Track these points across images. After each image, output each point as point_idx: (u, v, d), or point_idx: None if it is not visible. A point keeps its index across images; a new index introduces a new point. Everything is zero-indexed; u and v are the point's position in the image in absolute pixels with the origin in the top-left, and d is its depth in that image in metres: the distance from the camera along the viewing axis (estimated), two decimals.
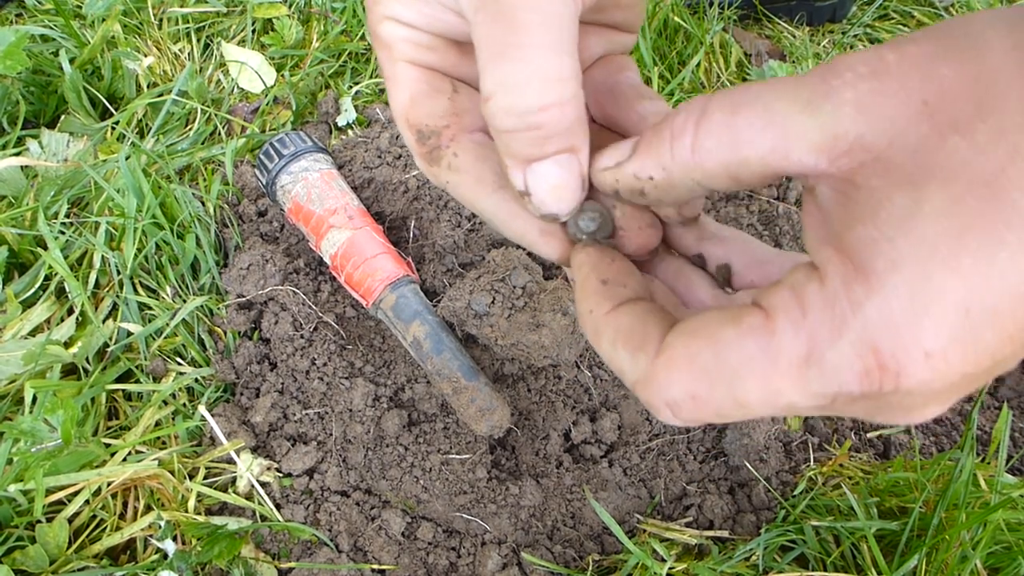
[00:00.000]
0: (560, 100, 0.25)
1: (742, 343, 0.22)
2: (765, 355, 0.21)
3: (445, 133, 0.30)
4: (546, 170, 0.27)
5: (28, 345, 0.69)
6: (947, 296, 0.19)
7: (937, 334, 0.19)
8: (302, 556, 0.65)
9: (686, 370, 0.23)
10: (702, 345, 0.23)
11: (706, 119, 0.23)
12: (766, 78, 1.03)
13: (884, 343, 0.20)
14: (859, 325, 0.20)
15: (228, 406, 0.73)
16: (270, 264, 0.77)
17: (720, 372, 0.22)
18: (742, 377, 0.22)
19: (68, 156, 0.88)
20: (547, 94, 0.25)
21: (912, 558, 0.61)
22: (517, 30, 0.24)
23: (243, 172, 0.89)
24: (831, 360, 0.20)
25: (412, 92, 0.31)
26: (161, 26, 1.05)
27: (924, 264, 0.19)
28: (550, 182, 0.27)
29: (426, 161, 0.31)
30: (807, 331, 0.21)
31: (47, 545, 0.62)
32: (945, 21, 0.22)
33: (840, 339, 0.20)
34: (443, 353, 0.70)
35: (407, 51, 0.30)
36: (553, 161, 0.27)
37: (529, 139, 0.26)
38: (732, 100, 0.23)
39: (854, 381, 0.20)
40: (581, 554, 0.68)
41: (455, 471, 0.70)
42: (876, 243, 0.20)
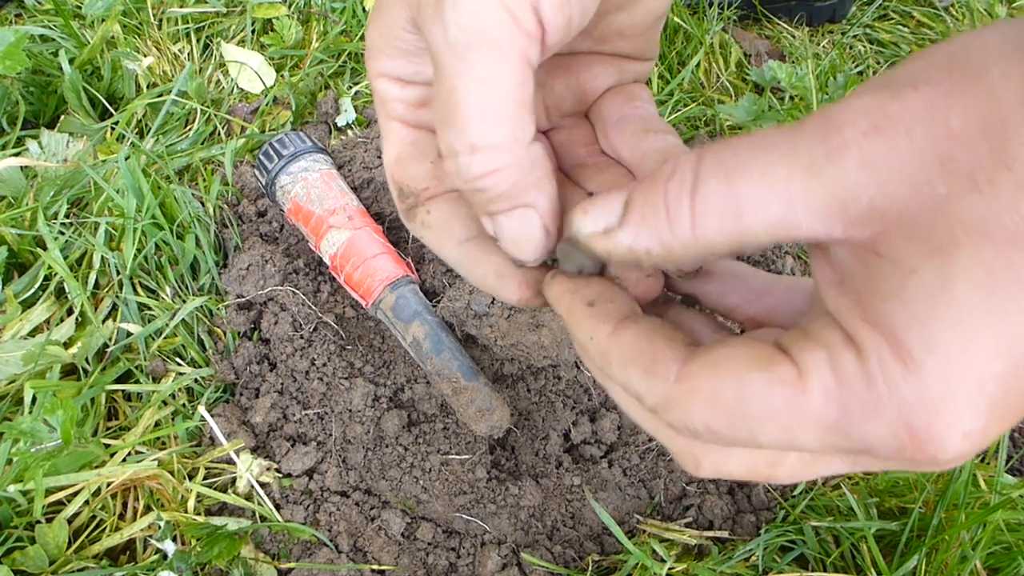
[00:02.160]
0: (499, 166, 0.26)
1: (770, 392, 0.21)
2: (792, 411, 0.21)
3: (423, 194, 0.32)
4: (504, 224, 0.27)
5: (28, 345, 0.69)
6: (986, 373, 0.19)
7: (976, 415, 0.19)
8: (302, 556, 0.65)
9: (709, 404, 0.22)
10: (727, 384, 0.22)
11: (702, 190, 0.22)
12: (765, 78, 1.03)
13: (920, 425, 0.19)
14: (896, 406, 0.19)
15: (228, 406, 0.73)
16: (270, 264, 0.77)
17: (743, 414, 0.22)
18: (764, 424, 0.21)
19: (68, 156, 0.88)
20: (486, 163, 0.25)
21: (912, 558, 0.61)
22: (456, 99, 0.25)
23: (243, 172, 0.89)
24: (863, 432, 0.20)
25: (399, 152, 0.32)
26: (161, 26, 1.05)
27: (960, 343, 0.19)
28: (508, 234, 0.28)
29: (405, 216, 0.33)
30: (841, 403, 0.20)
31: (47, 545, 0.62)
32: (945, 48, 0.21)
33: (875, 417, 0.20)
34: (443, 353, 0.70)
35: (399, 110, 0.32)
36: (507, 216, 0.27)
37: (480, 199, 0.27)
38: (726, 166, 0.22)
39: (885, 452, 0.20)
40: (581, 554, 0.68)
41: (455, 471, 0.70)
42: (910, 325, 0.19)
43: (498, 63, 0.25)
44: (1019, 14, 1.23)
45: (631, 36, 0.33)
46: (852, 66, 1.12)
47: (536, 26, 0.25)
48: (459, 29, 0.24)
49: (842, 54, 1.13)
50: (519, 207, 0.27)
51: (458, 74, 0.25)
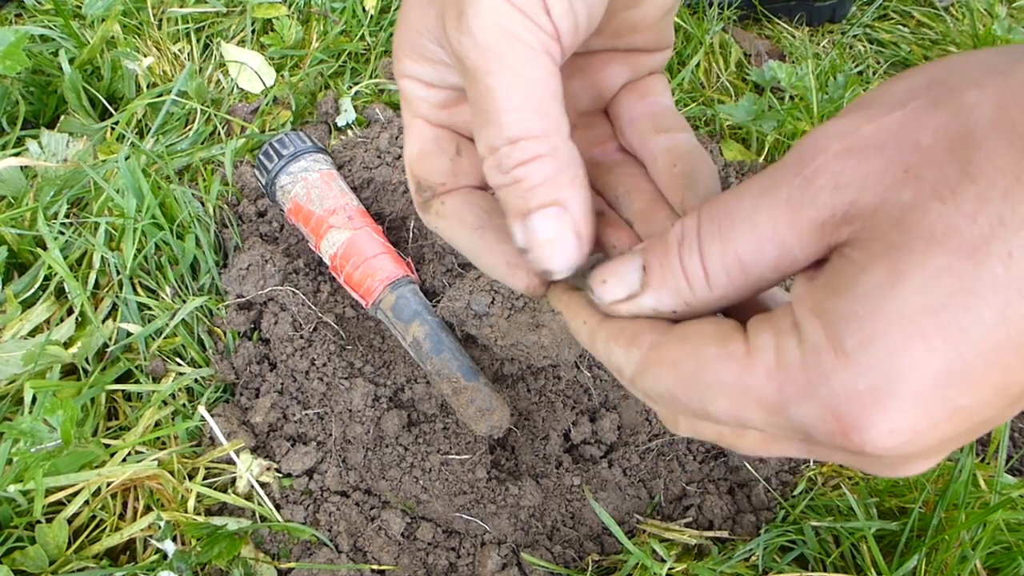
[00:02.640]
0: (537, 154, 0.27)
1: (719, 365, 0.23)
2: (738, 385, 0.23)
3: (440, 189, 0.34)
4: (538, 224, 0.28)
5: (28, 345, 0.69)
6: (917, 373, 0.19)
7: (902, 412, 0.20)
8: (302, 556, 0.65)
9: (671, 370, 0.25)
10: (686, 354, 0.24)
11: (707, 253, 0.24)
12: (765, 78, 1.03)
13: (846, 414, 0.20)
14: (824, 394, 0.21)
15: (228, 406, 0.73)
16: (270, 264, 0.77)
17: (696, 382, 0.24)
18: (713, 394, 0.23)
19: (68, 156, 0.88)
20: (525, 151, 0.27)
21: (912, 558, 0.61)
22: (492, 97, 0.27)
23: (243, 172, 0.89)
24: (796, 415, 0.22)
25: (420, 148, 0.34)
26: (161, 26, 1.05)
27: (895, 342, 0.19)
28: (543, 236, 0.28)
29: (421, 209, 0.35)
30: (778, 383, 0.22)
31: (47, 545, 0.62)
32: (927, 70, 0.21)
33: (806, 401, 0.21)
34: (443, 353, 0.70)
35: (423, 109, 0.33)
36: (542, 215, 0.28)
37: (515, 192, 0.28)
38: (719, 225, 0.23)
39: (819, 433, 0.21)
40: (581, 554, 0.68)
41: (455, 471, 0.70)
42: (848, 319, 0.20)
43: (528, 58, 0.26)
44: (1020, 14, 1.23)
45: (644, 30, 0.34)
46: (852, 66, 1.12)
47: (551, 25, 0.27)
48: (485, 33, 0.26)
49: (842, 54, 1.13)
50: (552, 204, 0.27)
51: (491, 73, 0.26)
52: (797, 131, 0.96)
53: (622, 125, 0.35)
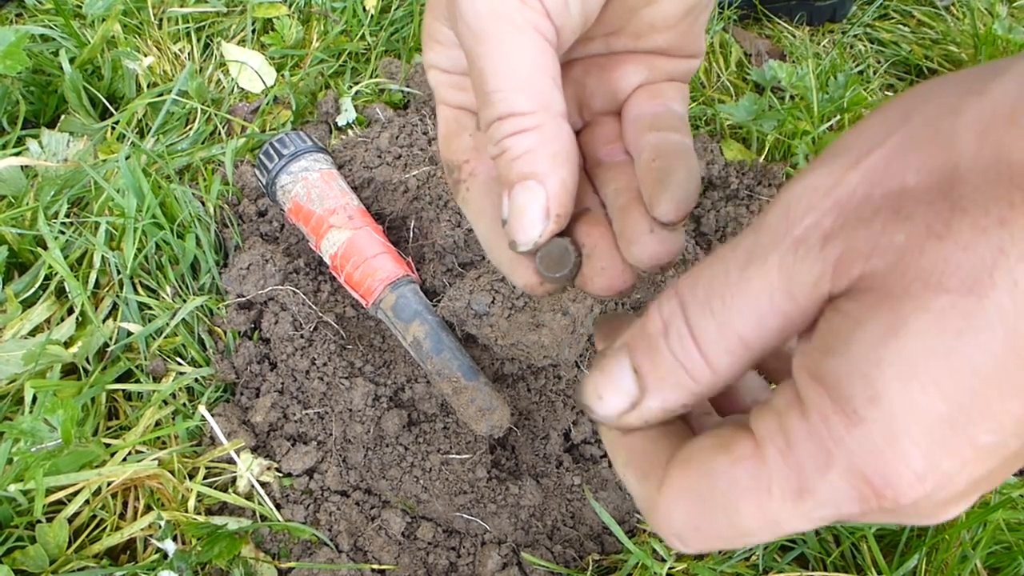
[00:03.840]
0: (524, 127, 0.28)
1: (733, 472, 0.21)
2: (757, 484, 0.21)
3: (464, 168, 0.35)
4: (515, 194, 0.29)
5: (28, 345, 0.69)
6: (933, 417, 0.18)
7: (926, 457, 0.19)
8: (302, 556, 0.65)
9: (685, 501, 0.22)
10: (697, 476, 0.22)
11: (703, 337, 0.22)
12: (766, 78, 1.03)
13: (872, 472, 0.19)
14: (844, 458, 0.19)
15: (228, 406, 0.73)
16: (270, 264, 0.77)
17: (716, 502, 0.22)
18: (737, 506, 0.21)
19: (68, 156, 0.88)
20: (513, 125, 0.28)
21: (912, 558, 0.61)
22: (485, 76, 0.28)
23: (243, 172, 0.89)
24: (824, 491, 0.20)
25: (445, 130, 0.35)
26: (161, 26, 1.05)
27: (905, 393, 0.18)
28: (515, 204, 0.29)
29: (452, 189, 0.36)
30: (794, 463, 0.20)
31: (47, 545, 0.62)
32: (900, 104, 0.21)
33: (829, 471, 0.20)
34: (443, 353, 0.70)
35: (445, 94, 0.35)
36: (521, 186, 0.29)
37: (502, 163, 0.29)
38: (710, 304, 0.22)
39: (852, 505, 0.20)
40: (581, 554, 0.68)
41: (455, 471, 0.70)
42: (852, 378, 0.19)
43: (515, 35, 0.28)
44: (1020, 14, 1.23)
45: (663, 29, 0.34)
46: (852, 65, 1.12)
47: (539, 3, 0.28)
48: (475, 14, 0.28)
49: (842, 54, 1.13)
50: (529, 177, 0.29)
51: (481, 55, 0.28)
52: (797, 131, 0.96)
53: (626, 124, 0.36)
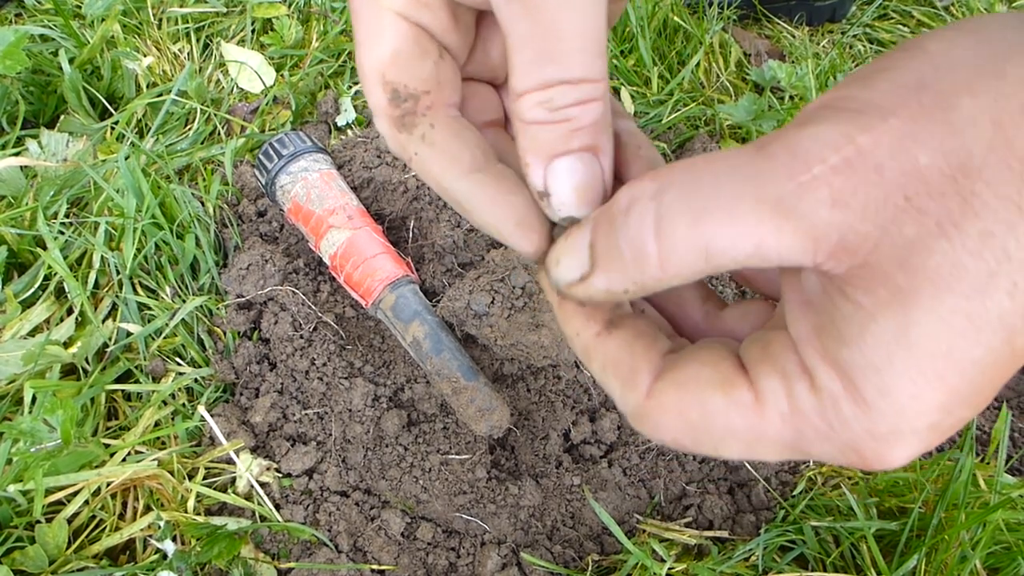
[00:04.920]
0: (592, 96, 0.25)
1: (729, 415, 0.23)
2: (751, 432, 0.23)
3: (424, 99, 0.28)
4: (570, 166, 0.26)
5: (28, 345, 0.69)
6: (933, 409, 0.20)
7: (921, 441, 0.21)
8: (302, 556, 0.65)
9: (675, 420, 0.24)
10: (691, 404, 0.23)
11: (667, 232, 0.22)
12: (765, 78, 1.03)
13: (868, 451, 0.21)
14: (847, 437, 0.21)
15: (228, 406, 0.73)
16: (269, 264, 0.77)
17: (706, 432, 0.23)
18: (726, 441, 0.23)
19: (67, 156, 0.88)
20: (582, 92, 0.25)
21: (912, 558, 0.61)
22: (556, 32, 0.24)
23: (242, 172, 0.89)
24: (815, 451, 0.22)
25: (396, 47, 0.28)
26: (160, 26, 1.05)
27: (913, 389, 0.20)
28: (575, 180, 0.26)
29: (395, 126, 0.28)
30: (795, 427, 0.22)
31: (46, 545, 0.62)
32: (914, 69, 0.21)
33: (827, 443, 0.22)
34: (442, 353, 0.70)
35: (397, 2, 0.28)
36: (577, 157, 0.26)
37: (558, 131, 0.25)
38: (689, 203, 0.21)
39: (835, 461, 0.22)
40: (581, 554, 0.68)
41: (455, 471, 0.70)
42: (865, 370, 0.20)
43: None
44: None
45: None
46: (852, 65, 1.12)
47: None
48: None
49: (842, 54, 1.13)
50: (590, 149, 0.26)
51: (562, 7, 0.24)
52: None
53: None
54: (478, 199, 0.28)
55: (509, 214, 0.27)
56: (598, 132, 0.26)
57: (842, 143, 0.20)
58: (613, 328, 0.26)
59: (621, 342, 0.26)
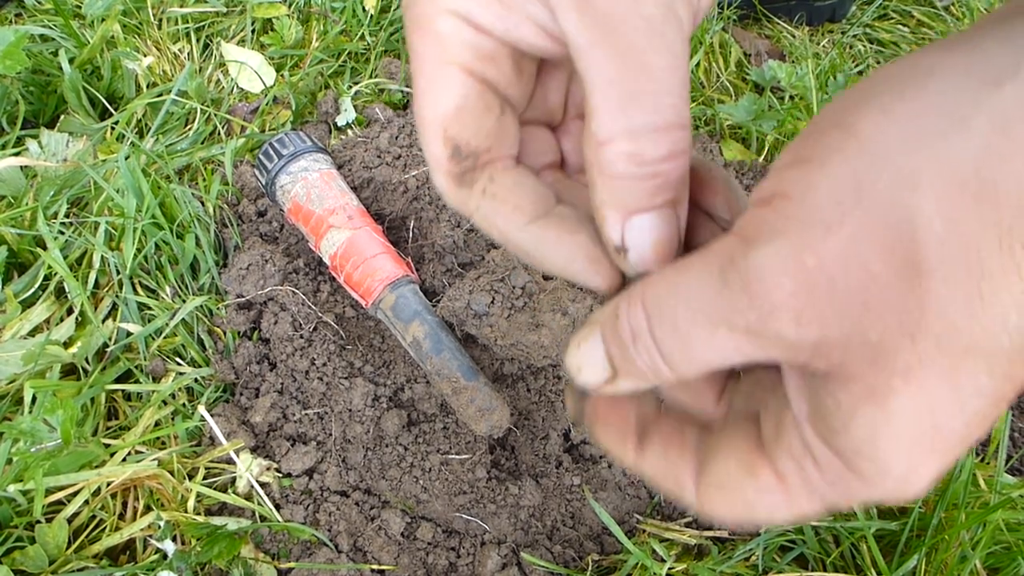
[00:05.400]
0: (682, 148, 0.24)
1: (765, 500, 0.24)
2: (787, 507, 0.24)
3: (484, 156, 0.27)
4: (651, 224, 0.25)
5: (28, 345, 0.69)
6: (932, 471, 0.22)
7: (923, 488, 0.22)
8: (302, 556, 0.65)
9: (728, 513, 0.26)
10: (734, 502, 0.25)
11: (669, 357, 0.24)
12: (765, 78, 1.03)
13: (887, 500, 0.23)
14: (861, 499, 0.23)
15: (228, 406, 0.73)
16: (270, 264, 0.77)
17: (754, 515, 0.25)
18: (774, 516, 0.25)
19: (67, 156, 0.88)
20: (676, 143, 0.24)
21: (912, 558, 0.61)
22: (647, 74, 0.23)
23: (243, 172, 0.89)
24: (844, 507, 0.24)
25: (459, 103, 0.27)
26: (161, 26, 1.05)
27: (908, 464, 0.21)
28: (655, 236, 0.25)
29: (455, 182, 0.27)
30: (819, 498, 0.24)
31: (46, 545, 0.62)
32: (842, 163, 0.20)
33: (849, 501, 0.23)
34: (442, 353, 0.70)
35: (464, 56, 0.26)
36: (659, 214, 0.25)
37: (645, 189, 0.24)
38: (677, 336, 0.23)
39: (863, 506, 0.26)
40: (581, 554, 0.68)
41: (455, 471, 0.70)
42: (860, 454, 0.22)
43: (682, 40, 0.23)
44: None
45: None
46: (852, 66, 1.12)
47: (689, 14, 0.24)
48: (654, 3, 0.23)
49: (842, 54, 1.13)
50: (672, 205, 0.25)
51: (652, 49, 0.23)
52: (797, 131, 0.96)
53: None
54: (545, 244, 0.27)
55: (578, 253, 0.27)
56: (682, 187, 0.25)
57: (793, 268, 0.20)
58: (646, 443, 0.28)
59: (656, 457, 0.28)
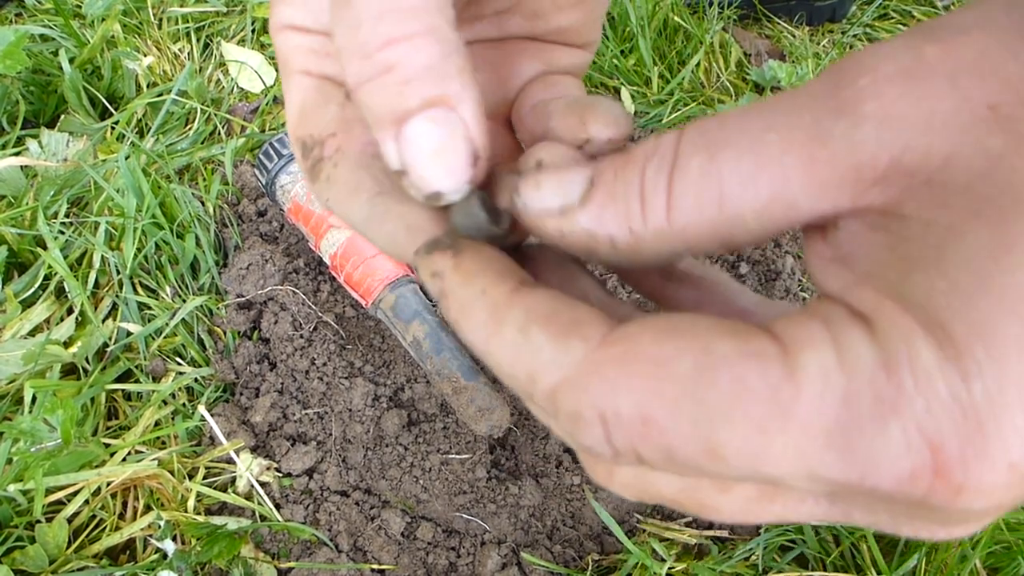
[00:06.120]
0: (412, 32, 0.20)
1: (744, 370, 0.15)
2: (773, 400, 0.15)
3: (329, 143, 0.25)
4: (421, 129, 0.20)
5: (28, 345, 0.69)
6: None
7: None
8: (302, 556, 0.65)
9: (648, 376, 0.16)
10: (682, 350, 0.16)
11: (681, 170, 0.17)
12: (765, 78, 1.03)
13: (952, 440, 0.14)
14: (923, 406, 0.14)
15: (228, 406, 0.73)
16: (270, 264, 0.77)
17: (700, 397, 0.15)
18: (730, 418, 0.15)
19: (68, 156, 0.88)
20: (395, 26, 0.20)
21: (912, 558, 0.61)
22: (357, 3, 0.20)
23: (243, 172, 0.89)
24: (870, 445, 0.14)
25: (301, 103, 0.26)
26: (161, 26, 1.05)
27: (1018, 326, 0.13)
28: (429, 145, 0.20)
29: (309, 177, 0.26)
30: (845, 391, 0.14)
31: (47, 545, 0.62)
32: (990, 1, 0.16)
33: (893, 420, 0.14)
34: (442, 353, 0.70)
35: (301, 60, 0.27)
36: (426, 117, 0.20)
37: (386, 86, 0.20)
38: (709, 139, 0.17)
39: (891, 481, 0.14)
40: (581, 554, 0.68)
41: (455, 471, 0.70)
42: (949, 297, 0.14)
43: None
44: None
45: (565, 7, 0.28)
46: None
47: None
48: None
49: (842, 54, 1.13)
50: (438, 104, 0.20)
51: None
52: None
53: (522, 114, 0.28)
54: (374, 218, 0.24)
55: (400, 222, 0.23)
56: (441, 77, 0.20)
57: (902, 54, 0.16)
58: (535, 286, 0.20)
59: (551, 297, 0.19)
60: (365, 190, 0.24)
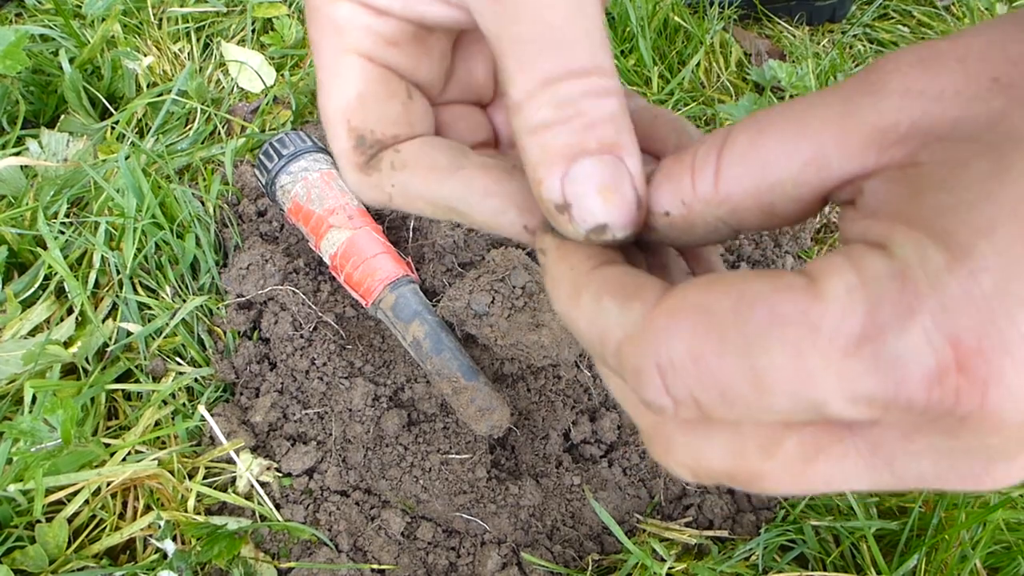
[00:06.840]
0: (602, 90, 0.22)
1: (776, 300, 0.17)
2: (804, 320, 0.16)
3: (389, 143, 0.26)
4: (592, 167, 0.21)
5: (28, 345, 0.69)
6: None
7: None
8: (302, 556, 0.65)
9: (695, 320, 0.18)
10: (721, 295, 0.18)
11: (729, 145, 0.20)
12: (766, 78, 1.03)
13: (969, 333, 0.15)
14: (937, 303, 0.15)
15: (228, 406, 0.73)
16: (270, 264, 0.77)
17: (740, 329, 0.17)
18: (767, 342, 0.16)
19: (68, 156, 0.88)
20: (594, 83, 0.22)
21: (912, 558, 0.61)
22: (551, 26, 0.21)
23: (243, 172, 0.89)
24: (894, 348, 0.15)
25: (361, 90, 0.26)
26: (161, 26, 1.05)
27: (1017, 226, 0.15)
28: (597, 182, 0.21)
29: (363, 172, 0.26)
30: (866, 302, 0.16)
31: (47, 545, 0.62)
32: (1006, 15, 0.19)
33: (911, 320, 0.15)
34: (443, 353, 0.70)
35: (363, 42, 0.25)
36: (598, 159, 0.22)
37: (572, 130, 0.21)
38: (759, 121, 0.20)
39: (921, 383, 0.15)
40: (581, 554, 0.68)
41: (455, 471, 0.70)
42: (955, 209, 0.16)
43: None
44: None
45: None
46: (852, 65, 1.12)
47: None
48: None
49: (842, 53, 1.13)
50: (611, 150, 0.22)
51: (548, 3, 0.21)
52: None
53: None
54: (472, 195, 0.24)
55: (511, 200, 0.24)
56: (619, 130, 0.22)
57: (921, 50, 0.19)
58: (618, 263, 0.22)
59: (623, 271, 0.21)
60: (445, 166, 0.25)
